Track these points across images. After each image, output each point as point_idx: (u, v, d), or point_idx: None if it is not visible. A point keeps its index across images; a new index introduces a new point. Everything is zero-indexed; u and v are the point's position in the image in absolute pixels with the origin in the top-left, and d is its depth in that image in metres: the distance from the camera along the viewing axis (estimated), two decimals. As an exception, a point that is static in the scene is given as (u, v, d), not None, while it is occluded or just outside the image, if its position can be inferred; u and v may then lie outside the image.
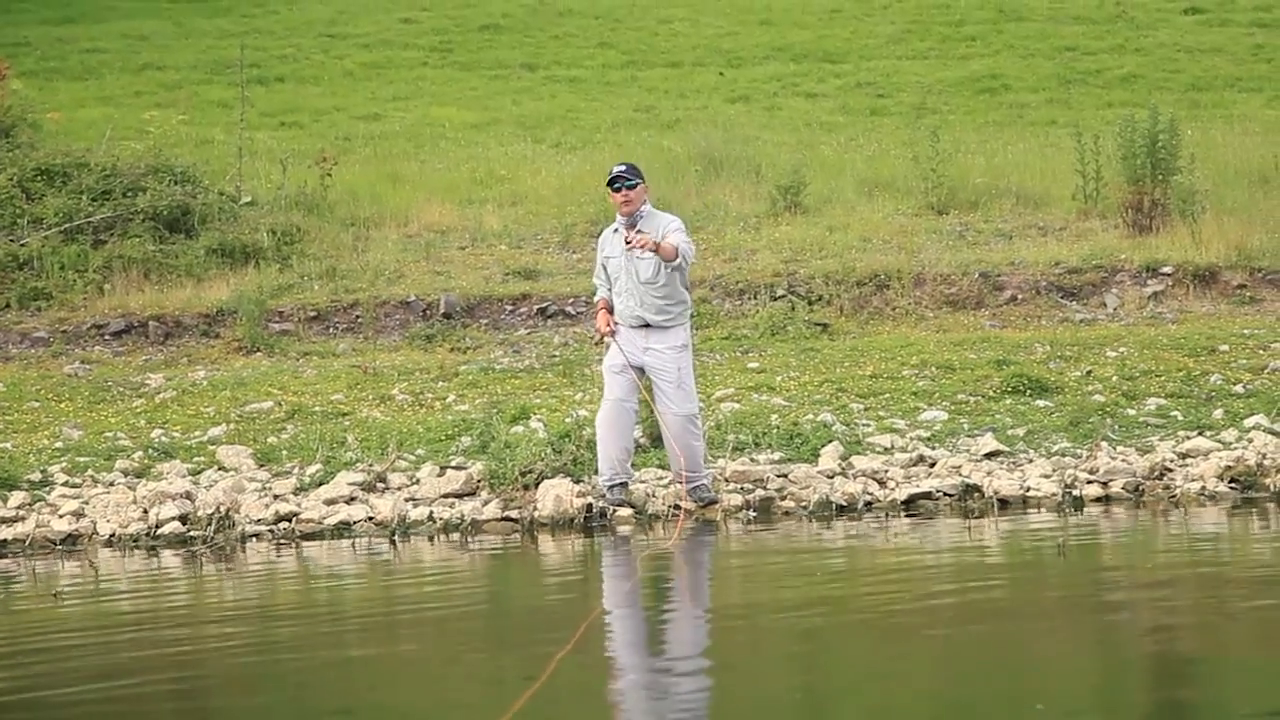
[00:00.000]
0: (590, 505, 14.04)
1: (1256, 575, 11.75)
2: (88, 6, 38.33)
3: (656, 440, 14.84)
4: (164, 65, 33.44)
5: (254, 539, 13.91)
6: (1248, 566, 12.14)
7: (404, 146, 27.41)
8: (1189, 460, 14.71)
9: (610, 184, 13.77)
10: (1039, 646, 9.90)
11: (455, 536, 13.84)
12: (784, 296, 19.60)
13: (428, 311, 19.71)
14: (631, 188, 13.75)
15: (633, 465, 14.35)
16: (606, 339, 14.12)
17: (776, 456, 15.06)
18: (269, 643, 10.69)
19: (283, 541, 13.88)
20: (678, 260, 13.63)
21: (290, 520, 14.15)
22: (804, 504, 14.19)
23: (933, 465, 14.83)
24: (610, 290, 14.09)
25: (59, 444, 15.87)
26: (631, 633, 10.90)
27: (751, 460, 14.91)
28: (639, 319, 13.86)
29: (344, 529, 14.05)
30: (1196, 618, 10.55)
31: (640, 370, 13.90)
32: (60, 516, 14.14)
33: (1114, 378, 16.67)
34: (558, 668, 9.20)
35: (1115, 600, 11.15)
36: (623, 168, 13.83)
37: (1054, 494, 14.11)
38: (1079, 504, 14.04)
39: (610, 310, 14.10)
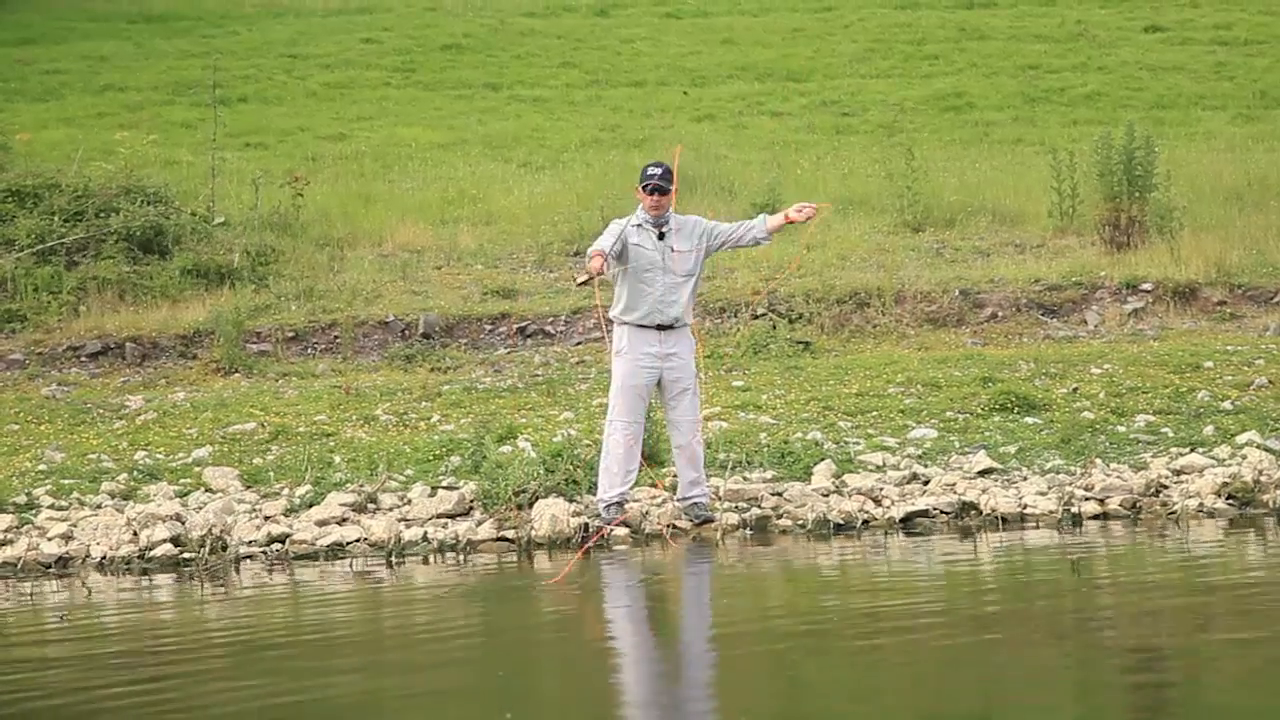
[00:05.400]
0: (586, 525, 13.94)
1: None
2: (47, 27, 38.07)
3: (648, 458, 14.74)
4: (125, 86, 33.25)
5: (247, 560, 13.77)
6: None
7: (372, 166, 27.30)
8: (1184, 477, 14.69)
9: (644, 186, 13.69)
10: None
11: (451, 556, 13.73)
12: (764, 315, 19.54)
13: (407, 331, 19.61)
14: (665, 193, 13.68)
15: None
16: (584, 276, 13.43)
17: (769, 475, 14.98)
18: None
19: (276, 563, 13.73)
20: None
21: (283, 542, 14.00)
22: (801, 522, 14.11)
23: (926, 483, 14.78)
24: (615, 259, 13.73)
25: (42, 466, 15.66)
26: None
27: (744, 479, 14.83)
28: (667, 318, 13.75)
29: (338, 550, 13.91)
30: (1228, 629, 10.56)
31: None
32: (49, 539, 13.96)
33: (1101, 394, 16.63)
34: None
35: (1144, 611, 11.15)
36: (659, 170, 13.72)
37: (1052, 511, 14.08)
38: (1077, 521, 14.01)
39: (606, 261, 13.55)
